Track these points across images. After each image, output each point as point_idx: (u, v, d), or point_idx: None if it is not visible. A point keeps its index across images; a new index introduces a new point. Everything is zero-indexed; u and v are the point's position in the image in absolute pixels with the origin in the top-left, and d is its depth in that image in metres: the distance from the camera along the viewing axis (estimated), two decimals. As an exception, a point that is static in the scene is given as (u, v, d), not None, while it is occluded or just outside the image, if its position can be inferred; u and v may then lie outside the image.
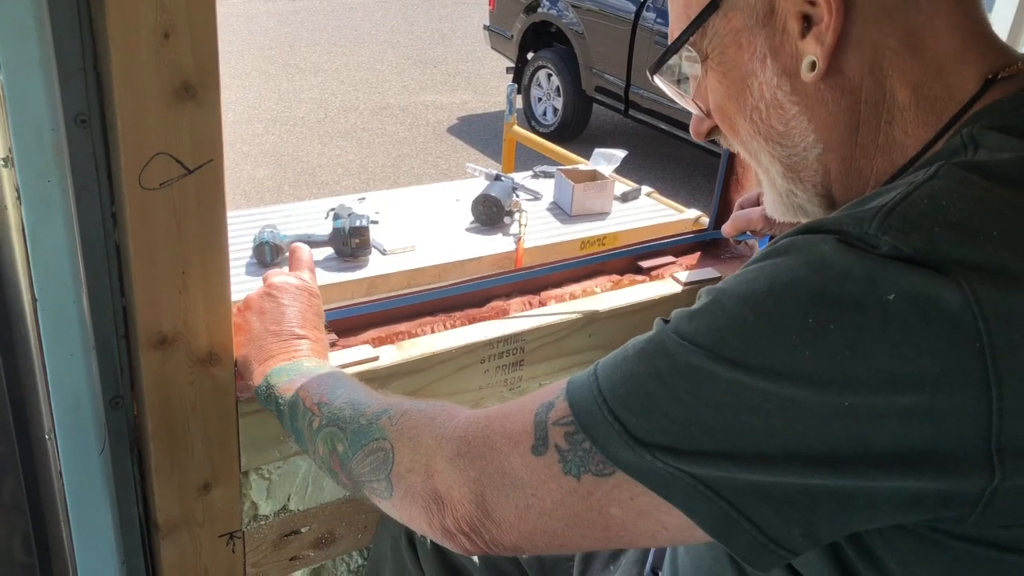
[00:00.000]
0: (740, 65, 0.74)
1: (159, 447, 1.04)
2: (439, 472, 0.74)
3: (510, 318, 1.36)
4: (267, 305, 1.06)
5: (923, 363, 0.55)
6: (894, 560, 0.63)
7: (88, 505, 1.03)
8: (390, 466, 0.78)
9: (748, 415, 0.58)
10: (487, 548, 0.72)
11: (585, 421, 0.65)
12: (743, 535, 0.61)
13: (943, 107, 0.68)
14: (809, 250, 0.59)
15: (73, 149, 0.87)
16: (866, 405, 0.56)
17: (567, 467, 0.66)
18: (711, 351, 0.60)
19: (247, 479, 1.18)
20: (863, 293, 0.56)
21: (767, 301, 0.59)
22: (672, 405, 0.61)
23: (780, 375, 0.57)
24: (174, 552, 1.12)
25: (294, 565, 1.28)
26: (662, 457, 0.61)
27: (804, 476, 0.58)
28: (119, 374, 1.00)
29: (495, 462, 0.70)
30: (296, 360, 1.00)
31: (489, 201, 2.58)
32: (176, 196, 0.92)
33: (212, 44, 0.89)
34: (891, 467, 0.56)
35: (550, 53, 7.23)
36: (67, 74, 0.85)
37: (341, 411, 0.88)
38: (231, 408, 1.08)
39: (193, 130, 0.91)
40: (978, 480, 0.56)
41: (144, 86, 0.86)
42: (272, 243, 2.25)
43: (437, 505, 0.73)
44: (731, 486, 0.60)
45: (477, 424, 0.74)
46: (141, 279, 0.94)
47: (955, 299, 0.55)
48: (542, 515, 0.68)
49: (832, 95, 0.71)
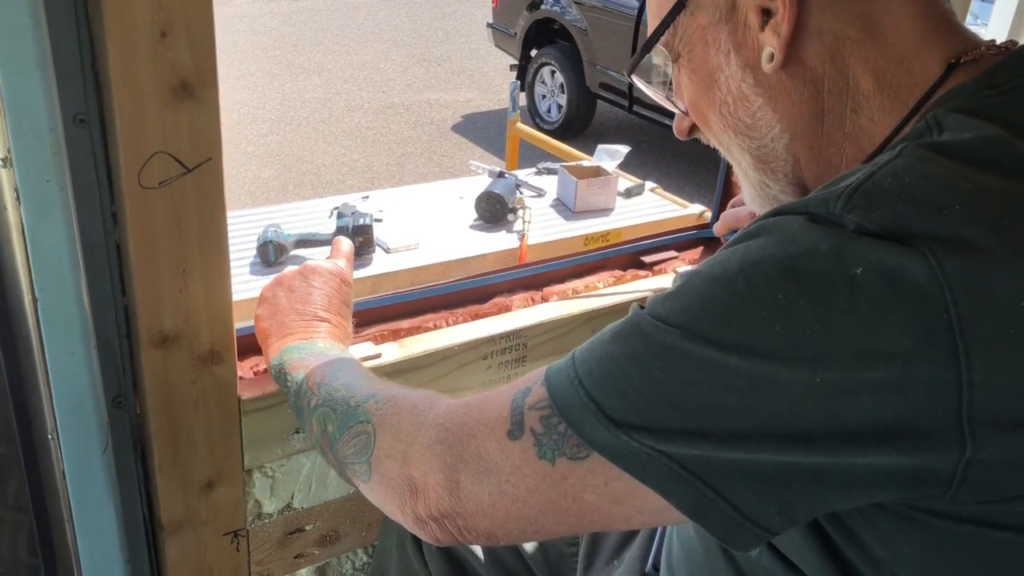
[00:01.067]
0: (707, 61, 0.76)
1: (162, 446, 1.04)
2: (415, 459, 0.74)
3: (512, 314, 1.36)
4: (297, 284, 1.08)
5: (892, 336, 0.55)
6: (875, 539, 0.63)
7: (91, 504, 1.03)
8: (371, 450, 0.79)
9: (721, 393, 0.58)
10: (459, 535, 0.72)
11: (562, 404, 0.65)
12: (719, 514, 0.61)
13: (907, 93, 0.69)
14: (779, 230, 0.60)
15: (72, 149, 0.87)
16: (838, 381, 0.56)
17: (542, 451, 0.66)
18: (684, 330, 0.60)
19: (251, 477, 1.18)
20: (831, 268, 0.56)
21: (738, 279, 0.59)
22: (646, 385, 0.61)
23: (752, 352, 0.57)
24: (178, 551, 1.12)
25: (299, 563, 1.28)
26: (637, 437, 0.61)
27: (778, 453, 0.58)
28: (121, 373, 1.00)
29: (471, 448, 0.70)
30: (312, 340, 1.01)
31: (492, 198, 2.58)
32: (176, 195, 0.92)
33: (210, 42, 0.89)
34: (865, 443, 0.57)
35: (554, 50, 7.23)
36: (65, 74, 0.85)
37: (336, 392, 0.88)
38: (233, 406, 1.08)
39: (192, 129, 0.91)
40: (951, 454, 0.56)
41: (142, 85, 0.86)
42: (276, 242, 2.26)
43: (411, 492, 0.73)
44: (706, 465, 0.60)
45: (455, 412, 0.74)
46: (141, 278, 0.94)
47: (921, 271, 0.55)
48: (515, 501, 0.68)
49: (794, 85, 0.72)
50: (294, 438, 1.17)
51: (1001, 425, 0.55)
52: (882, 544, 0.63)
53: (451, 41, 10.36)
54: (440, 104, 8.00)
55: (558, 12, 7.05)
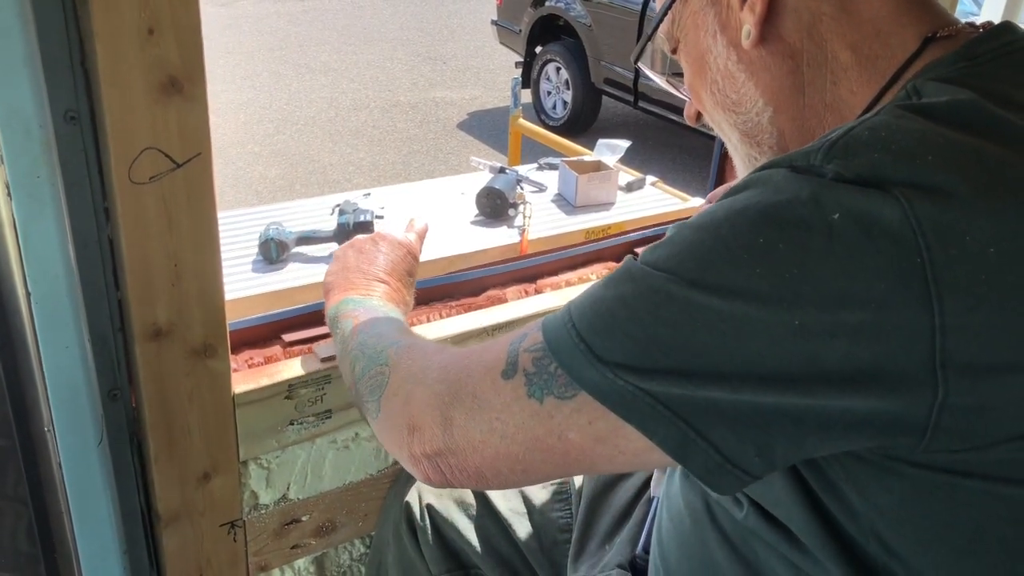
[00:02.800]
0: (698, 44, 0.82)
1: (158, 438, 1.06)
2: (416, 398, 0.78)
3: (506, 306, 1.38)
4: (367, 247, 1.17)
5: (867, 279, 0.57)
6: (854, 491, 0.66)
7: (88, 496, 1.04)
8: (382, 389, 0.84)
9: (704, 333, 0.60)
10: (450, 475, 0.75)
11: (555, 345, 0.67)
12: (700, 455, 0.63)
13: (885, 65, 0.72)
14: (763, 182, 0.62)
15: (63, 145, 0.88)
16: (815, 323, 0.58)
17: (531, 390, 0.69)
18: (670, 273, 0.62)
19: (246, 469, 1.19)
20: (809, 213, 0.58)
21: (723, 226, 0.61)
22: (633, 325, 0.63)
23: (733, 293, 0.59)
24: (176, 542, 1.14)
25: (296, 553, 1.30)
26: (623, 375, 0.63)
27: (758, 395, 0.60)
28: (116, 366, 1.02)
29: (468, 386, 0.74)
30: (368, 297, 1.08)
31: (493, 194, 2.59)
32: (166, 190, 0.94)
33: (197, 39, 0.90)
34: (842, 386, 0.58)
35: (558, 46, 7.23)
36: (55, 71, 0.86)
37: (369, 339, 0.95)
38: (228, 399, 1.10)
39: (181, 124, 0.92)
40: (925, 398, 0.58)
41: (131, 82, 0.88)
42: (277, 240, 2.27)
43: (408, 429, 0.77)
44: (688, 405, 0.62)
45: (459, 356, 0.78)
46: (134, 272, 0.96)
47: (895, 216, 0.57)
48: (504, 438, 0.70)
49: (774, 60, 0.76)
50: (288, 429, 1.18)
51: (972, 370, 0.57)
52: (861, 496, 0.66)
53: (456, 39, 10.38)
54: (446, 102, 8.01)
55: (562, 8, 7.05)
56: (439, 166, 6.48)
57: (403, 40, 10.23)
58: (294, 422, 1.18)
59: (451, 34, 10.61)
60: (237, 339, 1.22)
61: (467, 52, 9.82)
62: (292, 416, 1.18)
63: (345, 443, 1.28)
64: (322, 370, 1.18)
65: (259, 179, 6.07)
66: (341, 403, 1.22)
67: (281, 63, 9.00)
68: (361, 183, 6.09)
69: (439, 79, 8.76)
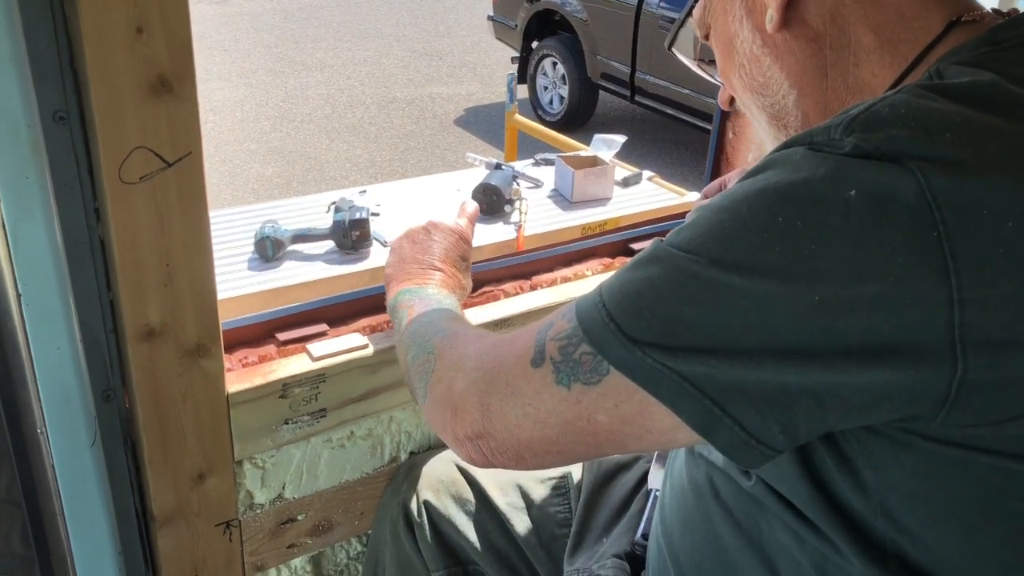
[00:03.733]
0: (727, 29, 0.85)
1: (152, 439, 1.06)
2: (457, 385, 0.82)
3: (501, 303, 1.37)
4: (420, 237, 1.21)
5: (884, 253, 0.58)
6: (868, 466, 0.67)
7: (82, 497, 1.04)
8: (429, 376, 0.89)
9: (727, 311, 0.62)
10: (491, 456, 0.79)
11: (587, 325, 0.70)
12: (725, 431, 0.65)
13: (907, 48, 0.73)
14: (782, 161, 0.64)
15: (51, 145, 0.88)
16: (834, 298, 0.59)
17: (559, 377, 0.71)
18: (693, 253, 0.64)
19: (241, 468, 1.19)
20: (826, 191, 0.60)
21: (742, 206, 0.63)
22: (660, 304, 0.65)
23: (754, 271, 0.61)
24: (171, 542, 1.14)
25: (292, 553, 1.30)
26: (651, 354, 0.65)
27: (780, 371, 0.61)
28: (109, 367, 1.01)
29: (501, 375, 0.77)
30: (424, 286, 1.12)
31: (489, 190, 2.58)
32: (157, 190, 0.94)
33: (186, 37, 0.90)
34: (862, 360, 0.59)
35: (554, 41, 7.22)
36: (43, 71, 0.86)
37: (421, 327, 1.00)
38: (222, 399, 1.09)
39: (171, 124, 0.92)
40: (944, 372, 0.59)
41: (120, 81, 0.87)
42: (273, 238, 2.26)
43: (452, 412, 0.81)
44: (713, 383, 0.63)
45: (494, 345, 0.82)
46: (125, 272, 0.95)
47: (911, 189, 0.58)
48: (537, 422, 0.74)
49: (797, 44, 0.79)
50: (283, 429, 1.18)
51: (991, 344, 0.58)
52: (874, 471, 0.67)
53: (452, 35, 10.36)
54: (442, 98, 8.00)
55: (558, 3, 7.04)
56: (436, 162, 6.48)
57: (399, 36, 10.21)
58: (289, 421, 1.18)
59: (447, 30, 10.59)
60: (231, 338, 1.21)
61: (463, 48, 9.80)
62: (287, 415, 1.18)
63: (340, 442, 1.28)
64: (316, 369, 1.17)
65: (256, 177, 6.06)
66: (336, 402, 1.21)
67: (277, 60, 8.99)
68: (358, 180, 6.08)
69: (435, 75, 8.75)
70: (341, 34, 10.19)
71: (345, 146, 6.72)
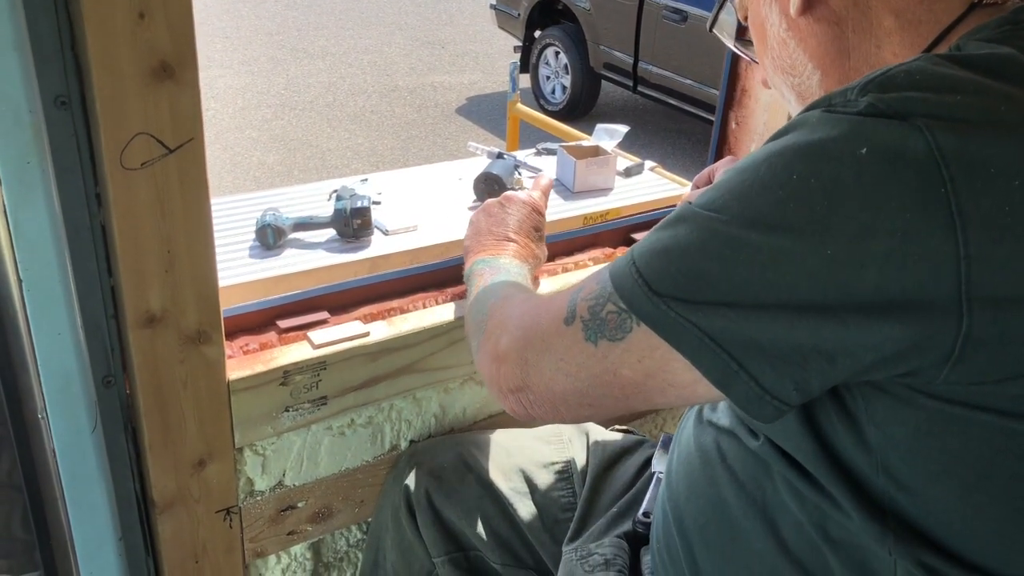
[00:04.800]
0: (758, 13, 0.89)
1: (152, 425, 1.06)
2: (502, 341, 0.87)
3: (502, 292, 1.37)
4: (495, 210, 1.27)
5: (893, 210, 0.60)
6: (872, 423, 0.70)
7: (83, 483, 1.04)
8: (482, 334, 0.94)
9: (745, 266, 0.65)
10: (530, 408, 0.85)
11: (618, 283, 0.74)
12: (742, 386, 0.68)
13: (928, 29, 0.75)
14: (801, 123, 0.67)
15: (53, 130, 0.88)
16: (845, 253, 0.61)
17: (587, 334, 0.76)
18: (716, 212, 0.67)
19: (241, 455, 1.19)
20: (839, 149, 0.62)
21: (762, 166, 0.66)
22: (683, 260, 0.68)
23: (770, 228, 0.64)
24: (171, 528, 1.14)
25: (292, 540, 1.30)
26: (675, 307, 0.68)
27: (794, 327, 0.64)
28: (110, 353, 1.01)
29: (538, 332, 0.83)
30: (498, 256, 1.17)
31: (490, 179, 2.57)
32: (158, 175, 0.93)
33: (188, 23, 0.89)
34: (872, 314, 0.62)
35: (557, 31, 7.20)
36: (44, 56, 0.85)
37: (483, 294, 1.06)
38: (222, 385, 1.09)
39: (173, 109, 0.91)
40: (950, 327, 0.61)
41: (122, 66, 0.87)
42: (274, 226, 2.25)
43: (496, 366, 0.87)
44: (731, 338, 0.67)
45: (534, 307, 0.87)
46: (127, 258, 0.95)
47: (919, 147, 0.60)
48: (569, 376, 0.79)
49: (820, 27, 0.82)
50: (284, 416, 1.18)
51: (996, 301, 0.60)
52: (877, 428, 0.70)
53: (454, 23, 10.33)
54: (444, 87, 7.98)
55: (561, -8, 7.02)
56: (438, 151, 6.47)
57: (401, 24, 10.18)
58: (289, 408, 1.18)
59: (449, 18, 10.56)
60: (232, 325, 1.21)
61: (465, 36, 9.78)
62: (287, 403, 1.18)
63: (341, 429, 1.28)
64: (317, 356, 1.18)
65: (257, 165, 6.06)
66: (336, 389, 1.21)
67: (279, 48, 8.97)
68: (360, 168, 6.07)
69: (437, 64, 8.73)
70: (343, 22, 10.17)
71: (347, 134, 6.72)
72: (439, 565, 1.25)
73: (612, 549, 1.04)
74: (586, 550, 1.06)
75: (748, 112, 1.74)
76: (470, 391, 1.40)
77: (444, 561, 1.25)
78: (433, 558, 1.26)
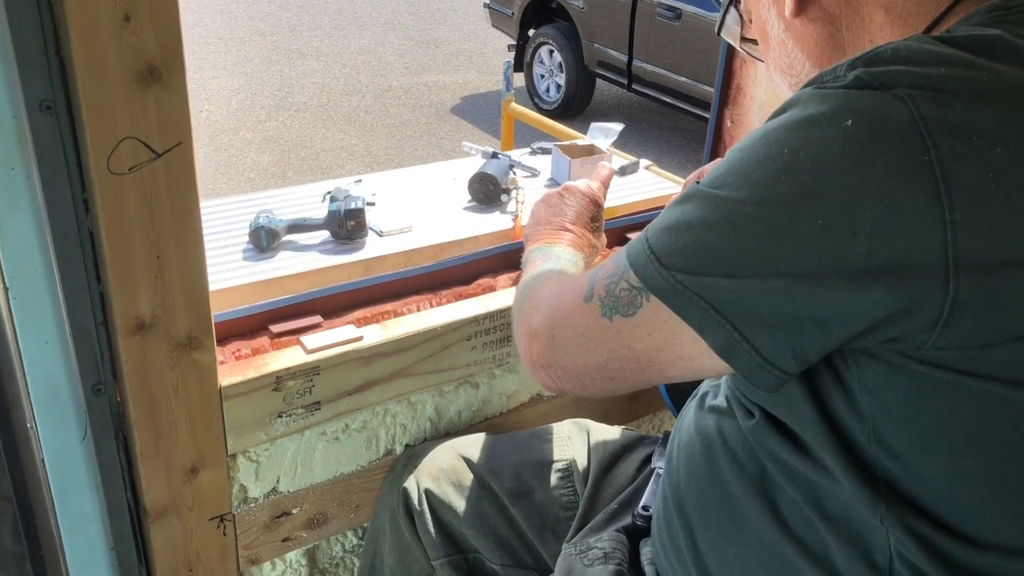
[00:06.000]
0: (759, 17, 0.92)
1: (144, 432, 1.05)
2: (535, 319, 0.92)
3: (497, 294, 1.36)
4: (554, 200, 1.30)
5: (878, 178, 0.63)
6: (863, 391, 0.72)
7: (73, 492, 1.03)
8: (521, 315, 0.98)
9: (744, 238, 0.68)
10: (559, 381, 0.90)
11: (633, 259, 0.77)
12: (744, 355, 0.71)
13: (918, 22, 0.77)
14: (794, 102, 0.70)
15: (38, 136, 0.86)
16: (836, 222, 0.64)
17: (604, 311, 0.80)
18: (717, 188, 0.71)
19: (235, 462, 1.18)
20: (827, 122, 0.65)
21: (758, 143, 0.70)
22: (688, 233, 0.72)
23: (764, 200, 0.67)
24: (164, 536, 1.13)
25: (287, 546, 1.29)
26: (681, 278, 0.72)
27: (791, 297, 0.67)
28: (99, 361, 1.00)
29: (564, 310, 0.87)
30: (553, 245, 1.21)
31: (485, 179, 2.56)
32: (146, 180, 0.92)
33: (175, 26, 0.88)
34: (864, 280, 0.65)
35: (551, 29, 7.18)
36: (29, 61, 0.84)
37: (530, 279, 1.09)
38: (214, 392, 1.08)
39: (160, 113, 0.90)
40: (938, 292, 0.63)
41: (107, 70, 0.86)
42: (268, 228, 2.24)
43: (529, 343, 0.92)
44: (734, 308, 0.70)
45: (562, 287, 0.91)
46: (115, 264, 0.94)
47: (902, 116, 0.63)
48: (589, 351, 0.83)
49: (815, 27, 0.85)
50: (277, 422, 1.17)
51: (982, 267, 0.63)
52: (869, 395, 0.72)
53: (448, 23, 10.31)
54: (439, 86, 7.97)
55: (555, -9, 7.01)
56: (433, 151, 6.45)
57: (395, 24, 10.16)
58: (283, 414, 1.17)
59: (443, 17, 10.54)
60: (223, 331, 1.20)
61: (459, 36, 9.76)
62: (280, 408, 1.17)
63: (335, 435, 1.27)
64: (310, 362, 1.16)
65: (252, 166, 6.04)
66: (330, 394, 1.20)
67: (272, 48, 8.94)
68: (354, 169, 6.06)
69: (431, 63, 8.71)
70: (337, 22, 10.14)
71: (341, 135, 6.70)
72: (438, 568, 1.25)
73: (611, 543, 1.05)
74: (585, 544, 1.07)
75: (743, 110, 1.73)
76: (465, 394, 1.38)
77: (443, 564, 1.24)
78: (432, 561, 1.25)
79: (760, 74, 1.68)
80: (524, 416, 1.47)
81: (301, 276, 2.13)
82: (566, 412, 1.48)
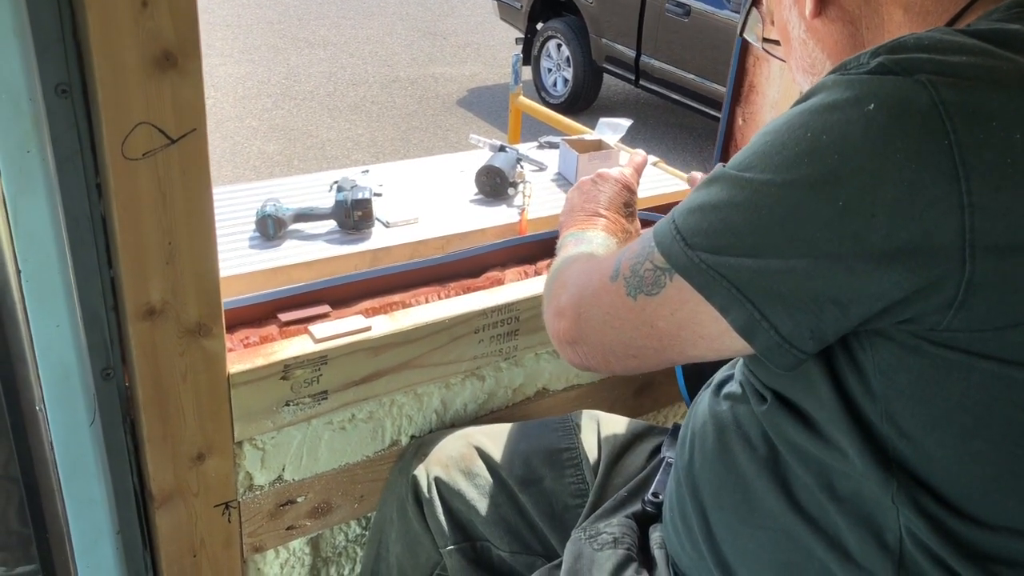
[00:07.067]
0: (780, 17, 0.94)
1: (151, 418, 1.05)
2: (563, 298, 0.94)
3: (505, 287, 1.36)
4: (588, 187, 1.31)
5: (898, 160, 0.64)
6: (877, 372, 0.74)
7: (80, 475, 1.03)
8: (551, 294, 1.00)
9: (767, 218, 0.70)
10: (585, 358, 0.92)
11: (659, 239, 0.79)
12: (763, 334, 0.73)
13: (936, 19, 0.78)
14: (818, 88, 0.71)
15: (54, 120, 0.86)
16: (856, 204, 0.66)
17: (629, 290, 0.83)
18: (742, 170, 0.73)
19: (241, 449, 1.18)
20: (849, 107, 0.67)
21: (782, 127, 0.71)
22: (713, 214, 0.74)
23: (787, 182, 0.69)
24: (170, 522, 1.13)
25: (291, 535, 1.29)
26: (703, 257, 0.74)
27: (811, 277, 0.69)
28: (109, 345, 1.00)
29: (590, 289, 0.90)
30: (586, 230, 1.21)
31: (492, 172, 2.55)
32: (160, 166, 0.92)
33: (192, 12, 0.88)
34: (882, 261, 0.66)
35: (559, 23, 7.17)
36: (45, 44, 0.84)
37: (561, 261, 1.10)
38: (222, 379, 1.08)
39: (175, 99, 0.90)
40: (954, 274, 0.65)
41: (124, 55, 0.86)
42: (274, 216, 2.24)
43: (557, 320, 0.94)
44: (753, 286, 0.71)
45: (589, 267, 0.94)
46: (127, 250, 0.94)
47: (923, 100, 0.64)
48: (614, 328, 0.86)
49: (835, 27, 0.86)
50: (284, 410, 1.17)
51: (998, 250, 0.64)
52: (882, 375, 0.74)
53: (456, 14, 10.29)
54: (445, 78, 7.95)
55: (564, -16, 6.99)
56: (438, 143, 6.44)
57: (402, 15, 10.14)
58: (290, 403, 1.17)
59: (451, 9, 10.52)
60: (232, 318, 1.20)
61: (467, 28, 9.74)
62: (288, 397, 1.17)
63: (341, 424, 1.27)
64: (318, 351, 1.16)
65: (257, 154, 6.03)
66: (337, 384, 1.20)
67: (280, 36, 8.93)
68: (360, 159, 6.05)
69: (439, 55, 8.70)
70: (344, 11, 10.12)
71: (347, 125, 6.69)
72: (446, 555, 1.25)
73: (621, 528, 1.06)
74: (595, 529, 1.08)
75: (755, 108, 1.73)
76: (471, 387, 1.39)
77: (452, 551, 1.24)
78: (440, 548, 1.25)
79: (773, 72, 1.68)
80: (530, 410, 1.47)
81: (309, 265, 2.13)
82: (571, 406, 1.49)
